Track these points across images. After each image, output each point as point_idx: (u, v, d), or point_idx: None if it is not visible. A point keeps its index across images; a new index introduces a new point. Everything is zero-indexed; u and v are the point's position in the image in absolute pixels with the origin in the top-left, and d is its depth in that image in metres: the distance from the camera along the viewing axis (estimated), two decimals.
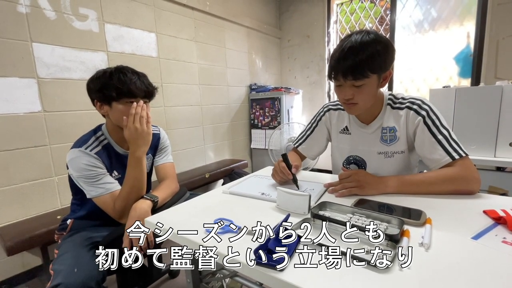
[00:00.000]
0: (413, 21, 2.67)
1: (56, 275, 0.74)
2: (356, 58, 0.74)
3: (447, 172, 0.78)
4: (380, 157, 0.92)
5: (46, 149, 1.53)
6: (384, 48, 0.76)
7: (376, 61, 0.75)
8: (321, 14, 3.15)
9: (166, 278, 1.52)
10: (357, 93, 0.80)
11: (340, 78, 0.79)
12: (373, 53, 0.74)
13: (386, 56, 0.77)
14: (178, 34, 2.23)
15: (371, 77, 0.77)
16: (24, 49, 1.42)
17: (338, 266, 0.46)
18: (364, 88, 0.79)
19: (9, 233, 1.31)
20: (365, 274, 0.44)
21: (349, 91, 0.80)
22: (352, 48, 0.75)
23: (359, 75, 0.76)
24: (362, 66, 0.74)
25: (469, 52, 2.41)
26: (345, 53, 0.76)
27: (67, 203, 1.60)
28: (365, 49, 0.74)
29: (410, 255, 0.45)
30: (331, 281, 0.43)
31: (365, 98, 0.82)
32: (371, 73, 0.76)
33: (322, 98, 3.31)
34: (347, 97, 0.82)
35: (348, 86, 0.80)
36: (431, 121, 0.82)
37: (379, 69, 0.78)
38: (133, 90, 0.90)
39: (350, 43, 0.76)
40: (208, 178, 2.26)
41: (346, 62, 0.75)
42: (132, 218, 0.87)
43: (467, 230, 0.56)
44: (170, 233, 0.62)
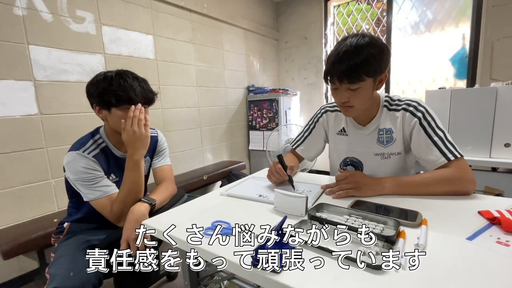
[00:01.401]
0: (409, 23, 2.70)
1: (52, 279, 0.74)
2: (351, 62, 0.75)
3: (443, 173, 0.79)
4: (377, 159, 0.93)
5: (43, 152, 1.52)
6: (379, 52, 0.76)
7: (371, 65, 0.76)
8: (318, 16, 3.17)
9: (164, 280, 1.52)
10: (353, 96, 0.81)
11: (335, 82, 0.80)
12: (368, 57, 0.75)
13: (381, 59, 0.78)
14: (176, 36, 2.23)
15: (366, 81, 0.78)
16: (20, 51, 1.41)
17: (334, 268, 0.46)
18: (360, 91, 0.80)
19: (5, 236, 1.30)
20: (361, 275, 0.44)
21: (345, 94, 0.81)
22: (347, 52, 0.75)
23: (354, 79, 0.76)
24: (357, 70, 0.75)
25: (465, 53, 2.43)
26: (340, 57, 0.76)
27: (64, 206, 1.59)
28: (360, 53, 0.75)
29: (408, 257, 0.46)
30: (328, 283, 0.43)
31: (361, 101, 0.83)
32: (366, 76, 0.77)
33: (319, 100, 3.32)
34: (343, 100, 0.82)
35: (344, 89, 0.81)
36: (427, 123, 0.83)
37: (374, 73, 0.78)
38: (132, 97, 0.90)
39: (345, 46, 0.76)
40: (206, 180, 2.25)
41: (341, 66, 0.76)
42: (129, 221, 0.87)
43: (462, 230, 0.57)
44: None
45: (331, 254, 0.49)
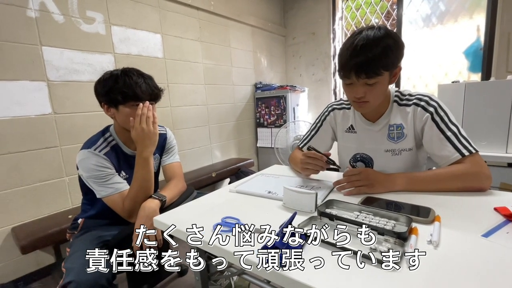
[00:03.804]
0: (421, 15, 2.62)
1: (68, 273, 0.76)
2: (370, 54, 0.72)
3: (457, 168, 0.76)
4: (388, 155, 0.91)
5: (57, 150, 1.57)
6: (395, 43, 0.74)
7: (389, 57, 0.73)
8: (326, 10, 3.12)
9: (175, 276, 1.54)
10: (369, 91, 0.78)
11: (352, 76, 0.76)
12: (386, 50, 0.72)
13: (398, 52, 0.76)
14: (183, 34, 2.24)
15: (383, 75, 0.75)
16: (34, 53, 1.45)
17: (345, 265, 0.46)
18: (376, 86, 0.77)
19: (23, 232, 1.35)
20: (372, 272, 0.44)
21: (361, 89, 0.78)
22: (365, 45, 0.72)
23: (372, 73, 0.74)
24: (376, 63, 0.73)
25: (479, 45, 2.35)
26: (358, 50, 0.73)
27: (78, 202, 1.63)
28: (377, 46, 0.72)
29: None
30: (338, 279, 0.43)
31: (377, 96, 0.81)
32: (384, 70, 0.74)
33: (328, 96, 3.28)
34: (358, 95, 0.79)
35: (360, 84, 0.78)
36: (440, 118, 0.81)
37: (391, 66, 0.76)
38: (138, 94, 0.92)
39: (362, 39, 0.73)
40: (215, 177, 2.27)
41: (358, 59, 0.73)
42: (141, 218, 0.89)
43: (477, 227, 0.55)
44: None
45: (341, 250, 0.49)
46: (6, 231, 1.41)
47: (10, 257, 1.44)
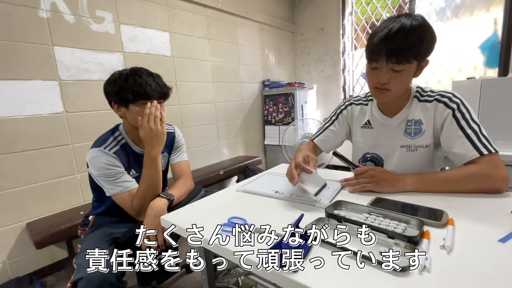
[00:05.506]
0: (434, 8, 2.53)
1: (78, 269, 0.78)
2: (405, 41, 0.70)
3: (471, 169, 0.74)
4: (403, 151, 0.89)
5: (69, 148, 1.60)
6: (430, 35, 0.73)
7: (422, 46, 0.72)
8: (335, 6, 3.06)
9: (183, 272, 1.56)
10: (394, 78, 0.77)
11: (382, 60, 0.75)
12: (422, 38, 0.71)
13: (431, 44, 0.74)
14: (191, 32, 2.25)
15: (412, 63, 0.74)
16: (46, 52, 1.48)
17: (353, 268, 0.45)
18: (402, 74, 0.76)
19: (38, 227, 1.39)
20: (381, 277, 0.43)
21: (386, 75, 0.76)
22: (402, 30, 0.71)
23: (403, 59, 0.72)
24: (410, 49, 0.71)
25: (497, 40, 2.25)
26: (393, 34, 0.71)
27: (89, 199, 1.67)
28: (414, 33, 0.71)
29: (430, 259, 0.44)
30: (345, 283, 0.42)
31: (400, 85, 0.79)
32: (414, 59, 0.73)
33: (337, 93, 3.23)
34: (383, 81, 0.78)
35: (386, 69, 0.76)
36: (461, 115, 0.78)
37: (422, 56, 0.74)
38: (149, 92, 0.93)
39: (399, 24, 0.71)
40: (223, 175, 2.28)
41: (393, 43, 0.72)
42: (149, 216, 0.90)
43: (494, 232, 0.53)
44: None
45: (349, 253, 0.48)
46: (22, 226, 1.46)
47: (25, 252, 1.49)
